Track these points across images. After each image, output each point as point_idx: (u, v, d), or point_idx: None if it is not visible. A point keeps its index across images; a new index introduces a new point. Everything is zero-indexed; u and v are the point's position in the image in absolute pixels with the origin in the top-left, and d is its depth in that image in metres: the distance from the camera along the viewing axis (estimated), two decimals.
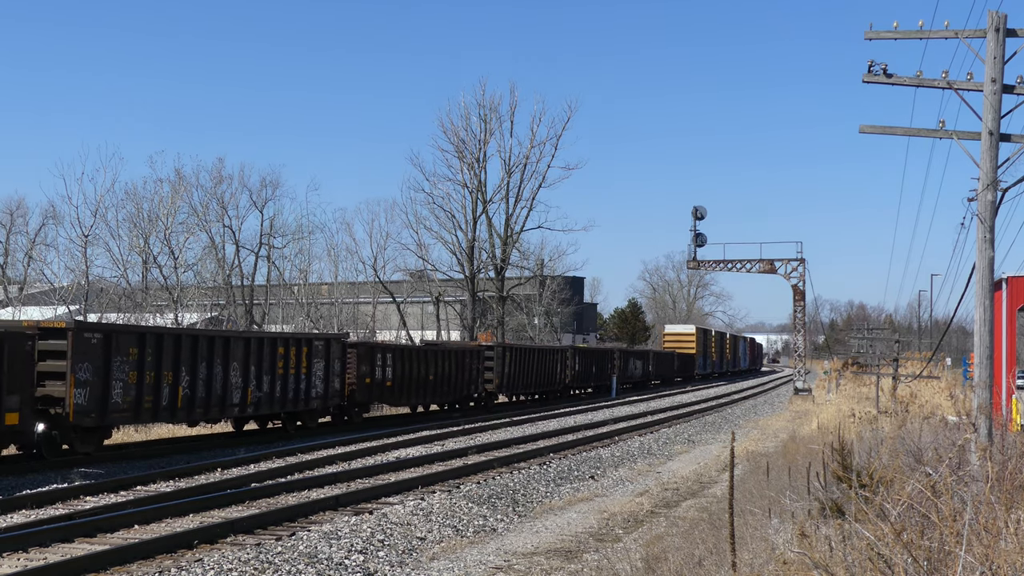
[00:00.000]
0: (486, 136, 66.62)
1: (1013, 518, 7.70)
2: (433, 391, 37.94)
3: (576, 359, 54.31)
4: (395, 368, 34.95)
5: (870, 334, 71.20)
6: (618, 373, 61.42)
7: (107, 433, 23.37)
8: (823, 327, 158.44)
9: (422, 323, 79.02)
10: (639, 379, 67.96)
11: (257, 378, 27.20)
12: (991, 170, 15.14)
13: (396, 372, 35.01)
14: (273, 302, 67.46)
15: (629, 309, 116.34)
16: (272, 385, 27.89)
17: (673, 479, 23.23)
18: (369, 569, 13.19)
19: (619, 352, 64.33)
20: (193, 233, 59.80)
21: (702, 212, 64.51)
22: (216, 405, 25.70)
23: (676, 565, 10.87)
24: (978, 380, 15.76)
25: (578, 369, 54.45)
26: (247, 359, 26.79)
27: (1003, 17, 15.20)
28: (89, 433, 22.20)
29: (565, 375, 52.64)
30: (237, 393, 26.45)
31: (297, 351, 29.03)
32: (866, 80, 15.88)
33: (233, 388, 26.27)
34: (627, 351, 68.77)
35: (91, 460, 22.14)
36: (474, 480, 20.79)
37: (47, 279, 55.92)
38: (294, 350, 28.89)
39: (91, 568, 12.09)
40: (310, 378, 29.53)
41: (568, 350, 54.49)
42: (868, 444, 17.02)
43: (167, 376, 23.89)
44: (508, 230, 67.31)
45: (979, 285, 15.60)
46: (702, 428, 37.87)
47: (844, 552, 7.78)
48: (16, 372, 19.76)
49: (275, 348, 28.18)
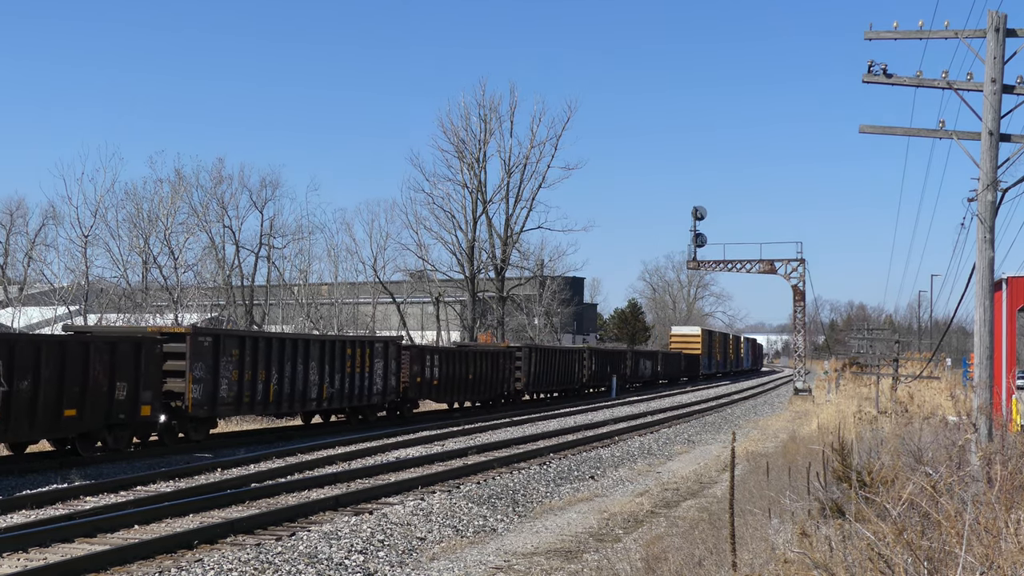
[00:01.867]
0: (486, 136, 66.70)
1: (1013, 518, 7.70)
2: (472, 389, 41.27)
3: (592, 359, 57.29)
4: (441, 368, 38.28)
5: (870, 334, 71.19)
6: (629, 372, 64.59)
7: (214, 423, 26.88)
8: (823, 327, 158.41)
9: (422, 323, 79.01)
10: (648, 378, 70.43)
11: (330, 376, 30.52)
12: (991, 170, 15.13)
13: (442, 372, 38.34)
14: (273, 302, 67.45)
15: (629, 309, 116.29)
16: (342, 382, 31.17)
17: (673, 479, 23.22)
18: (369, 569, 13.19)
19: (631, 353, 67.45)
20: (193, 233, 59.78)
21: (702, 212, 64.51)
22: (298, 400, 29.13)
23: (676, 565, 10.87)
24: (978, 380, 15.76)
25: (594, 368, 57.34)
26: (322, 359, 30.09)
27: (1003, 17, 15.20)
28: (201, 423, 25.65)
29: (583, 374, 55.55)
30: (315, 389, 29.80)
31: (362, 352, 32.26)
32: (866, 80, 15.89)
33: (311, 385, 29.62)
34: (638, 352, 71.13)
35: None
36: (474, 480, 20.78)
37: (47, 279, 55.88)
38: (359, 351, 32.12)
39: (91, 568, 12.08)
40: (372, 376, 32.78)
41: (585, 351, 57.33)
42: (868, 444, 17.02)
43: (261, 374, 27.30)
44: (508, 230, 67.33)
45: (979, 285, 15.60)
46: (702, 428, 37.87)
47: (844, 552, 7.77)
48: (149, 372, 23.25)
49: (344, 349, 31.40)
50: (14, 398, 19.88)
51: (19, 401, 20.02)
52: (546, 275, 77.18)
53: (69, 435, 22.05)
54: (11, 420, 19.90)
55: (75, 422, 21.51)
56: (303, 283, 67.05)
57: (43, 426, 20.94)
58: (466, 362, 40.54)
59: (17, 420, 20.07)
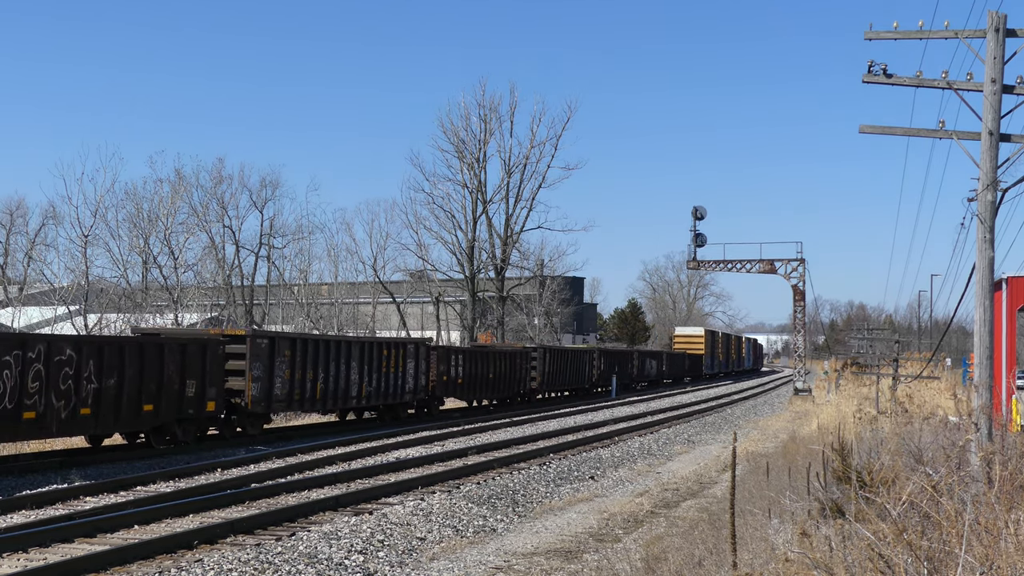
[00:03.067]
0: (486, 136, 66.71)
1: (1013, 518, 7.70)
2: (492, 387, 43.32)
3: (601, 359, 59.20)
4: (464, 368, 40.25)
5: (870, 334, 71.20)
6: (636, 372, 66.70)
7: (268, 419, 29.28)
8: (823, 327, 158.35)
9: (422, 323, 79.00)
10: (654, 378, 72.04)
11: (368, 375, 32.51)
12: (991, 170, 15.13)
13: (465, 371, 40.30)
14: (273, 302, 67.46)
15: (629, 309, 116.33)
16: (379, 381, 33.18)
17: (673, 479, 23.22)
18: (369, 569, 13.19)
19: (637, 353, 69.17)
20: (193, 233, 59.80)
21: (702, 212, 64.52)
22: (341, 397, 31.18)
23: (676, 565, 10.87)
24: (978, 380, 15.75)
25: (603, 368, 59.15)
26: (361, 360, 32.02)
27: (1003, 17, 15.20)
28: (258, 418, 27.88)
29: (592, 374, 57.40)
30: (355, 387, 31.83)
31: (396, 353, 34.26)
32: (866, 80, 15.88)
33: (352, 383, 31.64)
34: (643, 352, 72.76)
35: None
36: (474, 480, 20.78)
37: (47, 279, 55.87)
38: (394, 352, 34.13)
39: (91, 568, 12.08)
40: (404, 376, 34.80)
41: (595, 351, 59.26)
42: (868, 444, 17.02)
43: (309, 374, 29.25)
44: (508, 230, 67.31)
45: (979, 285, 15.60)
46: (702, 428, 37.86)
47: (844, 552, 7.77)
48: (213, 371, 25.47)
49: (380, 351, 33.40)
50: (103, 394, 22.09)
51: (106, 397, 22.21)
52: (546, 275, 77.18)
53: (146, 428, 24.03)
54: (100, 414, 22.13)
55: (152, 416, 23.66)
56: (303, 283, 67.06)
57: (125, 420, 23.02)
58: (487, 362, 42.56)
59: (105, 414, 22.27)
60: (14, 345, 20.11)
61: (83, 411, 21.59)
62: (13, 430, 20.29)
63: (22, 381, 20.05)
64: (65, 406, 21.11)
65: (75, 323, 46.32)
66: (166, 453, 23.90)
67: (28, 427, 20.48)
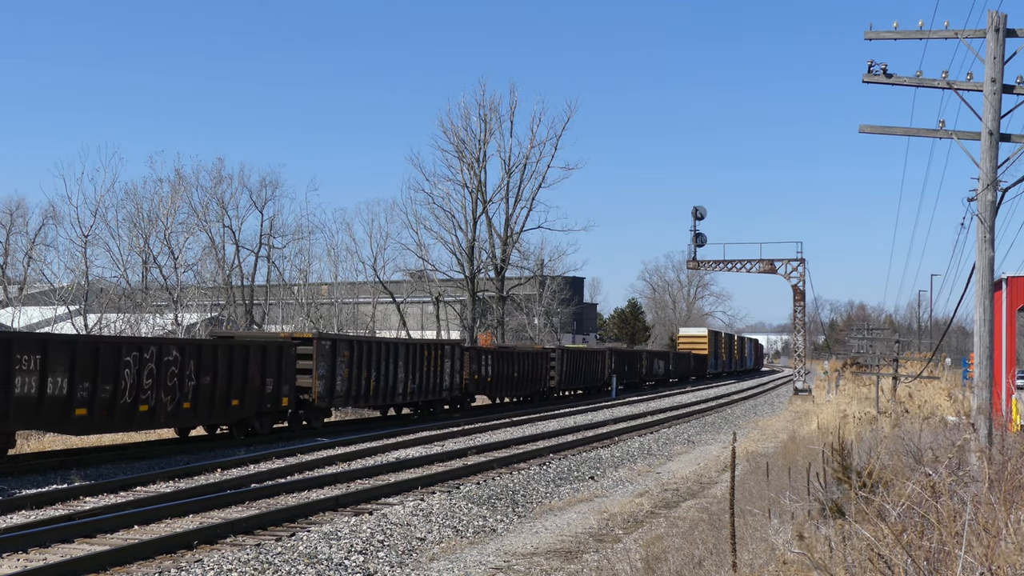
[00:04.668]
0: (486, 136, 66.62)
1: (1013, 518, 7.70)
2: (516, 385, 46.46)
3: (613, 359, 61.87)
4: (493, 367, 43.38)
5: (870, 334, 71.18)
6: (645, 371, 69.81)
7: (329, 413, 32.15)
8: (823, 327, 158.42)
9: (422, 323, 78.99)
10: (661, 376, 75.32)
11: (412, 374, 35.33)
12: (991, 170, 15.13)
13: (494, 370, 43.47)
14: (273, 302, 67.43)
15: (629, 309, 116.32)
16: (420, 380, 35.98)
17: (673, 479, 23.22)
18: (369, 569, 13.19)
19: (646, 354, 72.45)
20: (193, 233, 59.74)
21: (702, 212, 64.47)
22: (389, 394, 34.04)
23: (676, 565, 10.87)
24: (978, 380, 15.76)
25: (614, 368, 61.62)
26: (407, 360, 34.88)
27: (1003, 17, 15.20)
28: (321, 412, 30.81)
29: (605, 373, 60.18)
30: (401, 385, 34.66)
31: (435, 354, 37.12)
32: (866, 80, 15.89)
33: (399, 381, 34.48)
34: (652, 352, 75.99)
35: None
36: (474, 481, 20.78)
37: (47, 279, 55.78)
38: (433, 353, 36.99)
39: (91, 568, 12.08)
40: (442, 374, 37.64)
41: (607, 351, 62.44)
42: (868, 444, 17.02)
43: (364, 373, 32.07)
44: (508, 230, 67.27)
45: (979, 285, 15.60)
46: (702, 428, 37.86)
47: (844, 553, 7.77)
48: (287, 370, 28.50)
49: (422, 352, 36.24)
50: (200, 390, 25.16)
51: (203, 393, 25.31)
52: (546, 275, 77.15)
53: (232, 420, 27.24)
54: (198, 408, 25.22)
55: (238, 410, 26.76)
56: (303, 283, 67.01)
57: (217, 413, 26.17)
58: (513, 362, 45.69)
59: (201, 408, 25.39)
60: (133, 348, 23.29)
61: (185, 405, 24.72)
62: (130, 421, 23.30)
63: (138, 379, 23.13)
64: (171, 401, 24.23)
65: (75, 323, 46.29)
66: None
67: (142, 419, 23.55)
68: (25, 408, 20.37)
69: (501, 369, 44.22)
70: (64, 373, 21.22)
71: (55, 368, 20.98)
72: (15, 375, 20.05)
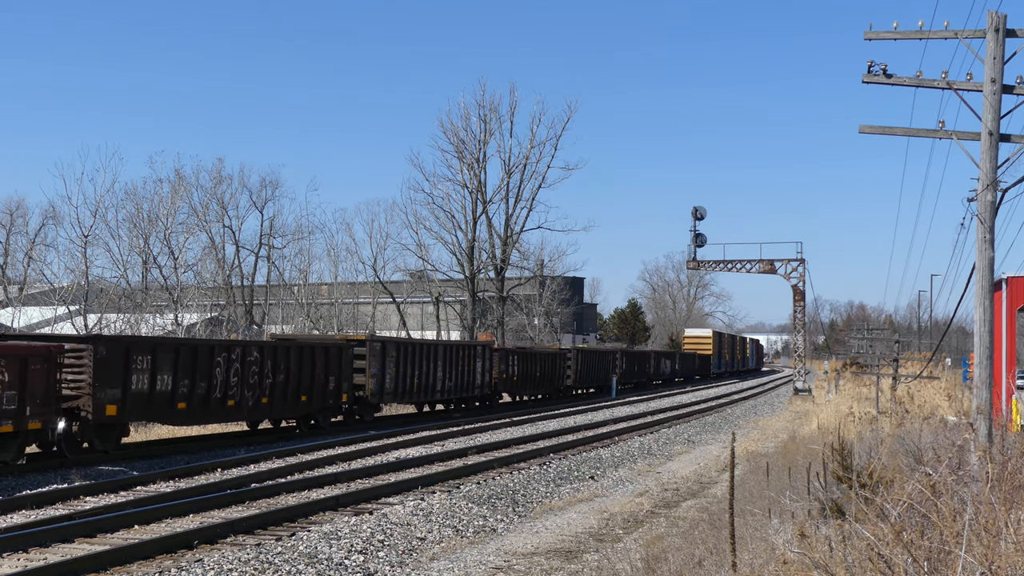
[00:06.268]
0: (486, 136, 66.59)
1: (1013, 518, 7.70)
2: (537, 384, 49.54)
3: (623, 359, 64.81)
4: (519, 366, 46.46)
5: (870, 334, 71.16)
6: (653, 371, 72.58)
7: (379, 408, 35.30)
8: (823, 327, 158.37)
9: (422, 323, 78.98)
10: (668, 376, 78.09)
11: (449, 373, 38.41)
12: (991, 170, 15.14)
13: (519, 369, 46.50)
14: (273, 302, 67.44)
15: (629, 309, 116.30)
16: (456, 379, 39.07)
17: (673, 479, 23.22)
18: (369, 569, 13.19)
19: (653, 354, 75.57)
20: (193, 233, 59.78)
21: (702, 212, 64.42)
22: (429, 391, 37.13)
23: (676, 565, 10.87)
24: (978, 380, 15.76)
25: (625, 367, 64.72)
26: (445, 361, 37.98)
27: (1003, 17, 15.20)
28: (373, 407, 34.16)
29: (616, 372, 62.63)
30: (439, 383, 37.74)
31: (469, 354, 40.28)
32: (866, 80, 15.89)
33: (438, 380, 37.56)
34: (659, 353, 79.25)
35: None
36: (474, 480, 20.78)
37: (47, 279, 55.74)
38: (466, 353, 40.16)
39: (91, 568, 12.08)
40: (474, 374, 40.79)
41: (617, 352, 65.47)
42: (868, 444, 17.03)
43: (408, 372, 35.18)
44: (508, 230, 67.26)
45: (979, 285, 15.60)
46: (702, 428, 37.85)
47: (844, 552, 7.77)
48: (345, 369, 31.42)
49: (458, 352, 39.41)
50: (276, 387, 27.99)
51: (278, 389, 28.17)
52: (546, 275, 77.14)
53: (300, 415, 29.82)
54: (274, 403, 28.20)
55: (306, 405, 29.48)
56: (303, 283, 67.03)
57: (289, 407, 28.97)
58: (535, 362, 48.82)
59: (277, 403, 28.36)
60: (223, 349, 26.18)
61: (263, 400, 27.63)
62: (220, 414, 26.39)
63: (227, 377, 26.01)
64: (252, 396, 27.10)
65: (75, 323, 46.27)
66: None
67: (228, 412, 26.55)
68: (139, 402, 23.34)
69: (525, 368, 47.19)
70: (169, 372, 24.13)
71: (162, 367, 23.92)
72: (132, 374, 22.96)
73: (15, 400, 19.76)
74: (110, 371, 22.35)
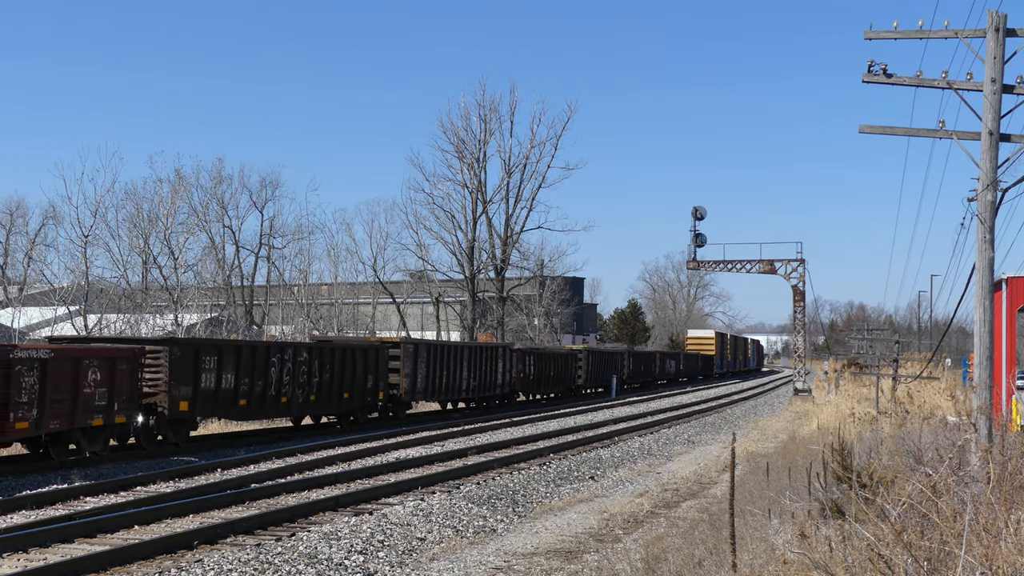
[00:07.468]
0: (486, 136, 66.58)
1: (1013, 518, 7.70)
2: (551, 383, 51.55)
3: (630, 360, 66.80)
4: (535, 367, 48.55)
5: (870, 335, 71.20)
6: (658, 371, 74.51)
7: (411, 406, 37.55)
8: (823, 327, 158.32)
9: (422, 323, 78.97)
10: (672, 376, 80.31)
11: (473, 373, 40.62)
12: (991, 170, 15.13)
13: (535, 369, 48.56)
14: (273, 302, 67.44)
15: (629, 310, 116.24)
16: (479, 378, 41.32)
17: (673, 480, 23.21)
18: (369, 569, 13.19)
19: (659, 355, 77.48)
20: (193, 233, 59.80)
21: (702, 212, 64.39)
22: (455, 390, 39.37)
23: (676, 565, 10.87)
24: (978, 381, 15.75)
25: (631, 368, 66.56)
26: (469, 361, 40.20)
27: (1003, 17, 15.19)
28: (405, 405, 36.28)
29: (622, 372, 64.67)
30: (464, 383, 39.93)
31: (490, 355, 42.47)
32: (866, 80, 15.88)
33: (463, 379, 39.72)
34: (665, 353, 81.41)
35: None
36: (474, 481, 20.77)
37: (47, 279, 55.74)
38: (489, 354, 42.41)
39: (91, 568, 12.08)
40: (495, 373, 43.01)
41: (625, 353, 67.44)
42: (868, 444, 17.03)
43: (437, 372, 37.33)
44: (508, 230, 67.24)
45: (979, 285, 15.60)
46: (702, 429, 37.84)
47: (844, 552, 7.77)
48: (382, 368, 33.85)
49: (481, 353, 41.59)
50: (322, 385, 30.26)
51: (324, 387, 30.43)
52: (546, 275, 77.11)
53: (343, 411, 32.15)
54: (320, 400, 30.47)
55: (348, 402, 31.89)
56: (303, 283, 67.02)
57: (333, 404, 31.37)
58: (549, 362, 50.79)
59: (323, 400, 30.65)
60: (277, 350, 28.54)
61: (311, 397, 29.90)
62: (274, 410, 28.60)
63: (280, 376, 28.26)
64: (302, 394, 29.35)
65: (75, 323, 46.27)
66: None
67: (281, 408, 28.83)
68: (207, 399, 25.46)
69: (540, 368, 49.18)
70: (232, 371, 26.24)
71: (226, 367, 26.03)
72: (201, 373, 25.09)
73: (105, 396, 21.91)
74: (183, 370, 24.49)
